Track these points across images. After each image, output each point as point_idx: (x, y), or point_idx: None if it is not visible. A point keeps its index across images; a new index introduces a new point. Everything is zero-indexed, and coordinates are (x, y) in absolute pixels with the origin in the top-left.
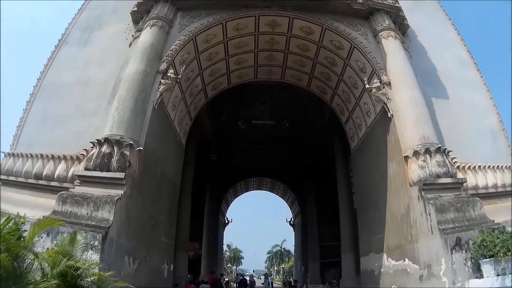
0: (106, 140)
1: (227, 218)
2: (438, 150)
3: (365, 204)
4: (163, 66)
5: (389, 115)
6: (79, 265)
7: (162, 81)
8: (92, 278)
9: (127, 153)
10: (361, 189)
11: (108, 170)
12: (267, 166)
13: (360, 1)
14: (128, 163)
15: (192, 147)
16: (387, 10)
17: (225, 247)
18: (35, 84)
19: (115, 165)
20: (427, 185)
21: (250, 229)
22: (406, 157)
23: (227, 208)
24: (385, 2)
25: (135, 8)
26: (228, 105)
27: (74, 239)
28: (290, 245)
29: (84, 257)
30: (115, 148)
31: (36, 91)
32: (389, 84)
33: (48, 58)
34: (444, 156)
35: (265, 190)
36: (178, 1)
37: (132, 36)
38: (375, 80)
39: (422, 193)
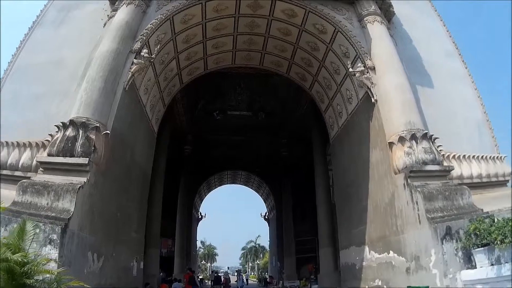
0: (71, 122)
1: (200, 213)
2: (424, 136)
3: (345, 195)
4: (136, 45)
5: (373, 101)
6: (25, 260)
7: (135, 61)
8: (44, 276)
9: (93, 136)
10: (341, 180)
11: (72, 156)
12: (242, 158)
13: None
14: (93, 148)
15: (165, 136)
16: None
17: (199, 244)
18: (7, 66)
19: (79, 149)
20: (414, 172)
21: (224, 224)
22: (391, 143)
23: (201, 203)
24: None
25: None
26: (203, 95)
27: (23, 229)
28: (265, 241)
29: (40, 251)
30: (80, 131)
31: (7, 73)
32: (373, 68)
33: (21, 40)
34: (431, 143)
35: (240, 183)
36: None
37: (108, 16)
38: (359, 65)
39: (409, 180)
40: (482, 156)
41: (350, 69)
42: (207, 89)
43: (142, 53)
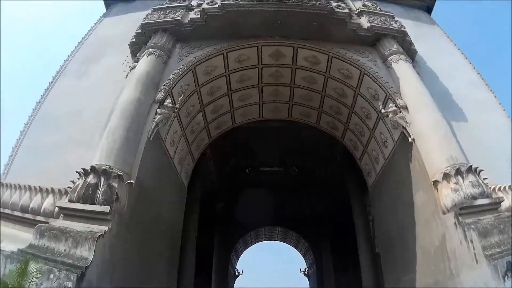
0: (93, 169)
1: (237, 270)
2: (469, 169)
3: (388, 244)
4: (159, 95)
5: (410, 140)
6: None
7: (158, 110)
8: None
9: (115, 185)
10: (383, 229)
11: (93, 203)
12: (278, 214)
13: (365, 27)
14: (115, 197)
15: (196, 192)
16: (394, 35)
17: None
18: (30, 114)
19: (100, 197)
20: (464, 209)
21: (263, 281)
22: (436, 182)
23: (237, 260)
24: (390, 27)
25: (134, 40)
26: (234, 152)
27: (25, 269)
28: None
29: None
30: (102, 179)
31: (30, 121)
32: (405, 107)
33: (45, 89)
34: (477, 176)
35: (277, 240)
36: (177, 31)
37: (130, 67)
38: (390, 105)
39: (460, 218)
40: None
41: (382, 110)
42: (237, 146)
43: (165, 103)
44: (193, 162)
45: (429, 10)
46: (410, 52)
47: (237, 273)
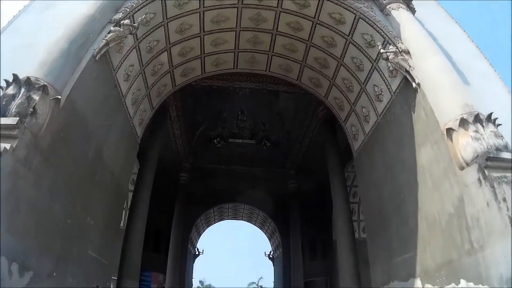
0: (15, 79)
1: (197, 249)
2: (489, 118)
3: (379, 218)
4: (118, 15)
5: (414, 85)
6: None
7: (112, 28)
8: None
9: (36, 97)
10: (373, 200)
11: (4, 116)
12: (245, 191)
13: None
14: (31, 110)
15: (154, 151)
16: None
17: (196, 282)
18: None
19: (13, 110)
20: (491, 160)
21: (225, 263)
22: (450, 130)
23: (198, 238)
24: None
25: None
26: (203, 119)
27: None
28: (268, 282)
29: None
30: (22, 90)
31: None
32: (407, 52)
33: (3, 27)
34: (497, 128)
35: (242, 219)
36: None
37: None
38: (391, 47)
39: (486, 172)
40: None
41: (382, 50)
42: (206, 113)
43: (122, 22)
44: (151, 110)
45: None
46: (409, 10)
47: (197, 252)
